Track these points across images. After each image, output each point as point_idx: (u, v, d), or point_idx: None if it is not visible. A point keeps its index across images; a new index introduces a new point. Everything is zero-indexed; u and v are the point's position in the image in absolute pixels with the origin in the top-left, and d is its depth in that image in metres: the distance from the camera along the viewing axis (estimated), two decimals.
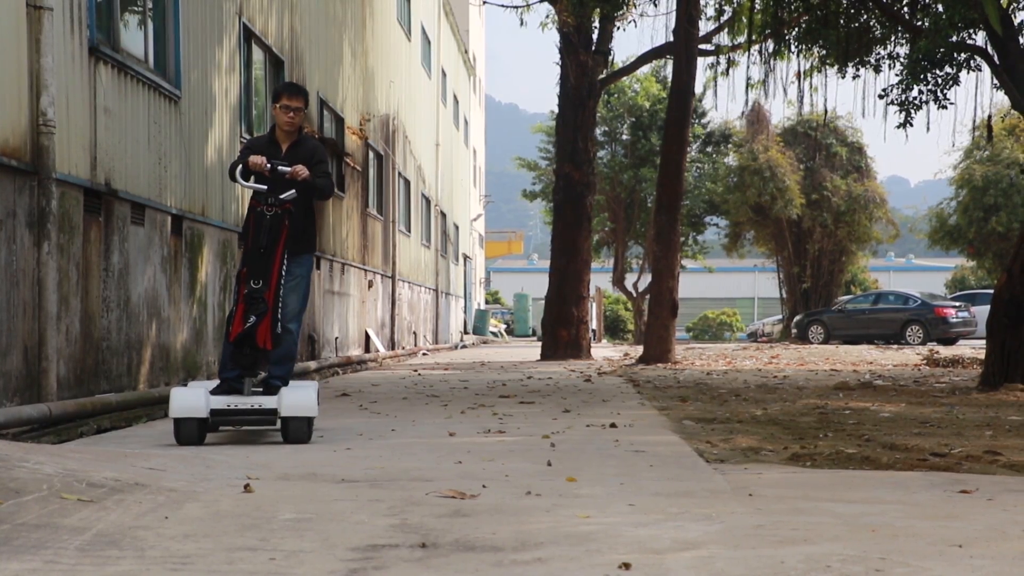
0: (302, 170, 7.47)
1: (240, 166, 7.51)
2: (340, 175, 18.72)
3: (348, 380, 15.48)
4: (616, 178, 43.28)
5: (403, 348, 24.96)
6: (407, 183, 27.20)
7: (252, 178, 7.59)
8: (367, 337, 21.13)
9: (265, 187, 7.39)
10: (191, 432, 7.06)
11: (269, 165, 7.45)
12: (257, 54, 14.56)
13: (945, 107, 13.76)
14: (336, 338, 18.35)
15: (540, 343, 25.27)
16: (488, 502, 4.85)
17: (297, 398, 7.21)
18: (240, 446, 7.20)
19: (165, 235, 11.00)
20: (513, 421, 9.00)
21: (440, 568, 3.45)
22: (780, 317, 48.95)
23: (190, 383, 7.89)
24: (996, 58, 13.48)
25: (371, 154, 22.17)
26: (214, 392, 7.31)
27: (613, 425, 8.57)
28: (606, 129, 43.62)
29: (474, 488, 5.26)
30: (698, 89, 35.87)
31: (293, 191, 7.38)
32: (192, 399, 7.06)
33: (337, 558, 3.61)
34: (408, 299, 26.71)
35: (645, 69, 40.24)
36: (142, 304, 10.41)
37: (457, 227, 41.34)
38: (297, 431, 7.20)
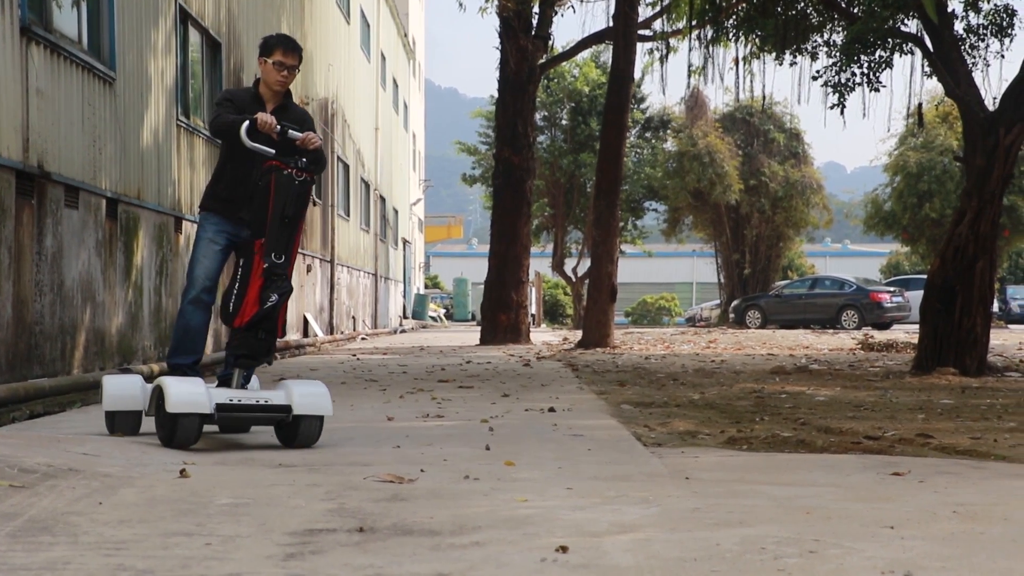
0: (315, 138, 6.55)
1: (248, 123, 6.47)
2: None
3: (286, 365, 15.39)
4: (555, 163, 43.32)
5: (342, 333, 24.86)
6: (346, 167, 27.06)
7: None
8: (305, 322, 21.03)
9: (273, 151, 6.44)
10: (191, 430, 5.89)
11: (279, 127, 6.50)
12: (194, 36, 14.41)
13: (878, 90, 13.88)
14: None
15: (479, 328, 25.27)
16: (426, 486, 4.84)
17: (310, 394, 6.18)
18: None
19: (100, 218, 10.88)
20: (452, 405, 9.00)
21: (378, 552, 3.45)
22: (718, 302, 49.29)
23: (106, 376, 6.83)
24: (930, 45, 13.63)
25: None
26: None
27: (552, 409, 8.59)
28: (546, 114, 43.62)
29: (412, 472, 5.25)
30: (637, 75, 35.96)
31: (304, 160, 6.39)
32: (193, 391, 5.89)
33: (274, 543, 3.59)
34: (347, 284, 26.60)
35: (585, 54, 40.32)
36: (76, 288, 10.29)
37: (396, 211, 41.20)
38: (308, 432, 6.18)
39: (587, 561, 3.30)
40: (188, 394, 5.87)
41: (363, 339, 26.44)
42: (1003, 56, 13.88)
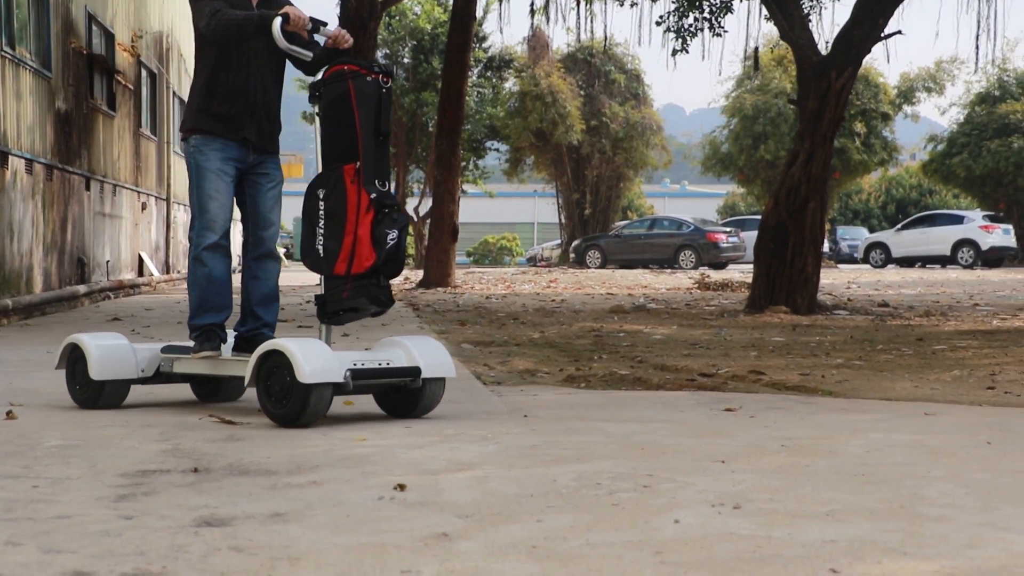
0: (347, 35, 5.41)
1: (281, 19, 5.21)
2: (111, 93, 18.08)
3: (120, 304, 15.07)
4: (397, 102, 42.96)
5: (179, 272, 24.40)
6: (182, 103, 26.44)
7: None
8: (140, 261, 20.58)
9: (310, 53, 5.37)
10: (323, 403, 4.82)
11: (311, 24, 5.34)
12: None
13: (720, 35, 14.09)
14: (108, 261, 17.82)
15: None
16: (264, 427, 4.80)
17: (433, 353, 5.20)
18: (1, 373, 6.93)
19: None
20: None
21: (212, 492, 3.40)
22: (559, 242, 49.68)
23: (81, 336, 5.50)
24: None
25: (144, 72, 21.45)
26: (202, 347, 5.37)
27: None
28: (387, 52, 43.18)
29: (249, 413, 5.20)
30: (479, 13, 35.84)
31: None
32: (324, 357, 4.82)
33: (105, 484, 3.52)
34: (184, 222, 26.07)
35: None
36: None
37: None
38: (433, 397, 5.20)
39: (425, 499, 3.31)
40: (320, 361, 4.79)
41: None
42: None
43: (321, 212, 5.09)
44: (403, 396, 5.19)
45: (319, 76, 5.17)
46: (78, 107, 15.73)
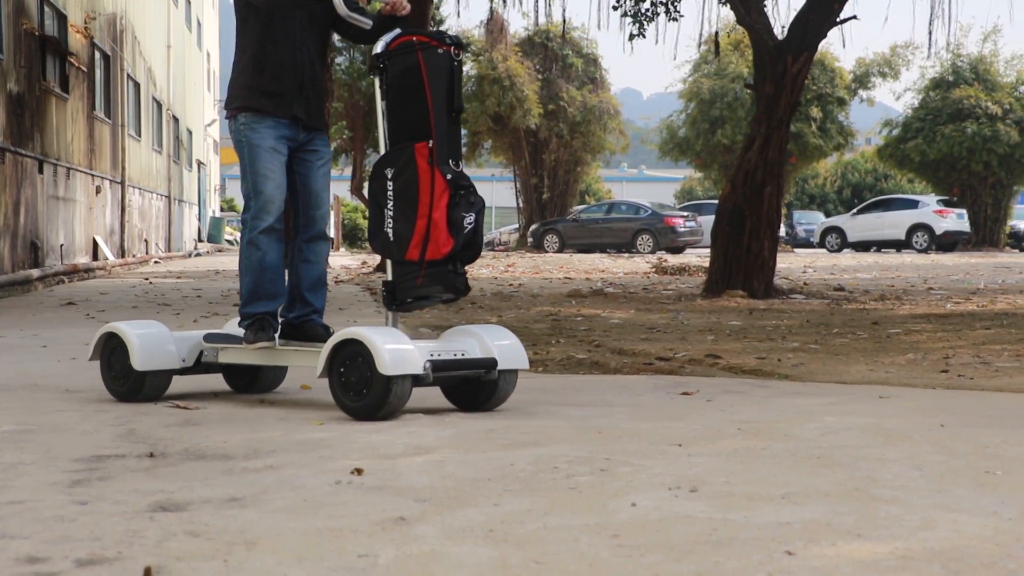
0: (405, 2, 5.06)
1: None
2: (64, 76, 17.90)
3: (75, 288, 14.94)
4: (354, 85, 42.77)
5: (134, 256, 24.23)
6: (137, 86, 26.22)
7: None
8: (95, 244, 20.41)
9: (370, 22, 5.09)
10: (404, 396, 4.57)
11: None
12: None
13: (676, 19, 14.10)
14: (61, 245, 17.67)
15: None
16: (220, 411, 4.78)
17: (507, 344, 4.95)
18: None
19: None
20: None
21: (168, 477, 3.38)
22: (516, 226, 49.67)
23: (120, 324, 5.21)
24: None
25: (97, 54, 21.25)
26: (258, 337, 5.06)
27: None
28: None
29: (206, 397, 5.17)
30: None
31: (398, 30, 4.98)
32: (404, 347, 4.59)
33: (60, 469, 3.49)
34: (139, 206, 25.88)
35: None
36: None
37: (191, 132, 40.17)
38: (506, 389, 4.96)
39: (382, 483, 3.30)
40: (401, 351, 4.55)
41: (156, 262, 25.83)
42: None
43: (390, 193, 4.82)
44: (475, 388, 4.95)
45: (380, 47, 4.86)
46: (30, 89, 15.57)
